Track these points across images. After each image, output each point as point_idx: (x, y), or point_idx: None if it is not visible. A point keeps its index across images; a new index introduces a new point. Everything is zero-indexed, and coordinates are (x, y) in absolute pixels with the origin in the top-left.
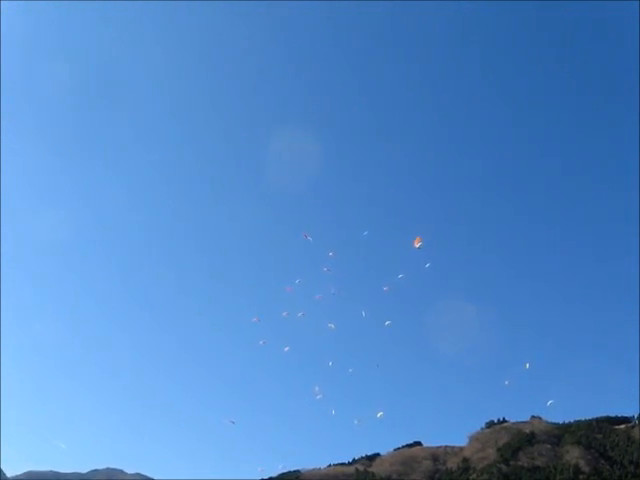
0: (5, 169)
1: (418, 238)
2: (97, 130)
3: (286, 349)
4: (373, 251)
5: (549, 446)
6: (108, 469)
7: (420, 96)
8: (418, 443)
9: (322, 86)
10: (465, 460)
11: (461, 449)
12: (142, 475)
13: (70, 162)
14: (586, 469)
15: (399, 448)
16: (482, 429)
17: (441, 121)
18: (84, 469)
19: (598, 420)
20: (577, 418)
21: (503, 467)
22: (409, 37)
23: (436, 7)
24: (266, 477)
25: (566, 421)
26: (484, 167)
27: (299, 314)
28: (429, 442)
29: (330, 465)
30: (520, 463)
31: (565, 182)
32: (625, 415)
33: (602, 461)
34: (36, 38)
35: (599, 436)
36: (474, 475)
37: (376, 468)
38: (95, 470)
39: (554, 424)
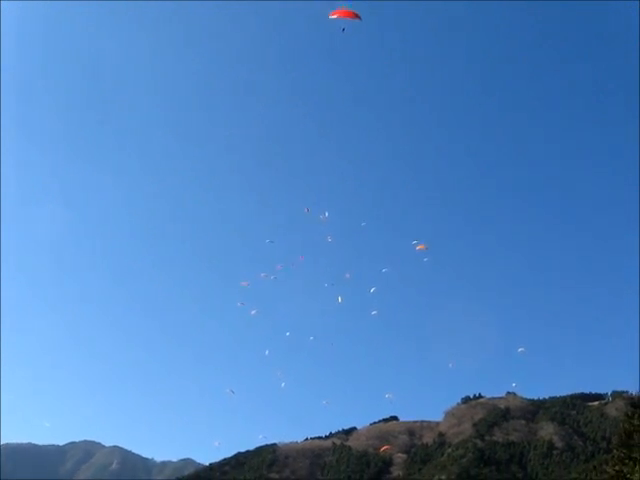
0: (5, 169)
1: (423, 245)
2: (96, 130)
3: (253, 312)
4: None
5: (524, 422)
6: (85, 442)
7: (422, 96)
8: (394, 418)
9: (319, 86)
10: (441, 435)
11: (437, 424)
12: (119, 447)
13: (68, 162)
14: (560, 445)
15: (375, 422)
16: (458, 404)
17: (443, 121)
18: (62, 442)
19: (572, 397)
20: (551, 394)
21: (478, 442)
22: (411, 37)
23: (437, 8)
24: (243, 450)
25: (541, 397)
26: (485, 169)
27: (271, 277)
28: (405, 417)
29: (307, 439)
30: (495, 438)
31: (562, 181)
32: (599, 392)
33: (575, 437)
34: (35, 39)
35: (573, 412)
36: (450, 450)
37: (352, 442)
38: (72, 443)
39: (529, 400)
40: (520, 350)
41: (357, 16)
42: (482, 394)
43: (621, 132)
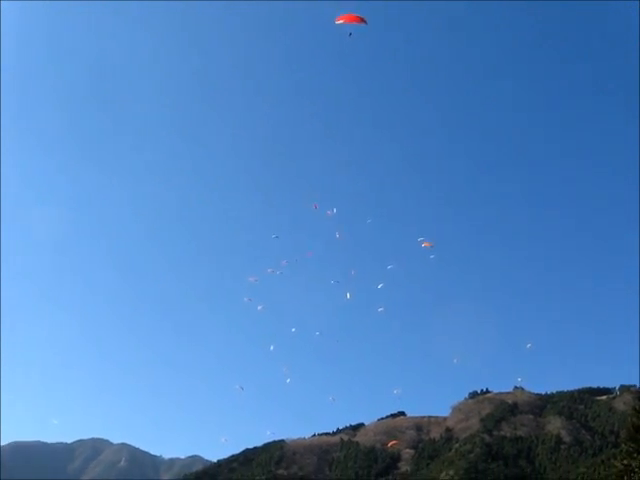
0: (5, 169)
1: (428, 243)
2: (95, 130)
3: (259, 308)
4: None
5: (531, 416)
6: (94, 439)
7: (426, 96)
8: (402, 413)
9: (324, 86)
10: (448, 430)
11: (444, 419)
12: (127, 445)
13: (68, 161)
14: (567, 439)
15: (383, 418)
16: (465, 399)
17: (447, 120)
18: (70, 439)
19: (580, 391)
20: (559, 389)
21: (486, 437)
22: (414, 37)
23: (438, 8)
24: (251, 446)
25: (548, 392)
26: (488, 169)
27: (277, 272)
28: (413, 412)
29: (315, 435)
30: (503, 433)
31: (564, 180)
32: (607, 386)
33: (583, 431)
34: (35, 39)
35: (581, 407)
36: (457, 445)
37: (360, 438)
38: (81, 440)
39: (536, 395)
40: (528, 346)
41: (363, 20)
42: (489, 389)
43: (621, 132)
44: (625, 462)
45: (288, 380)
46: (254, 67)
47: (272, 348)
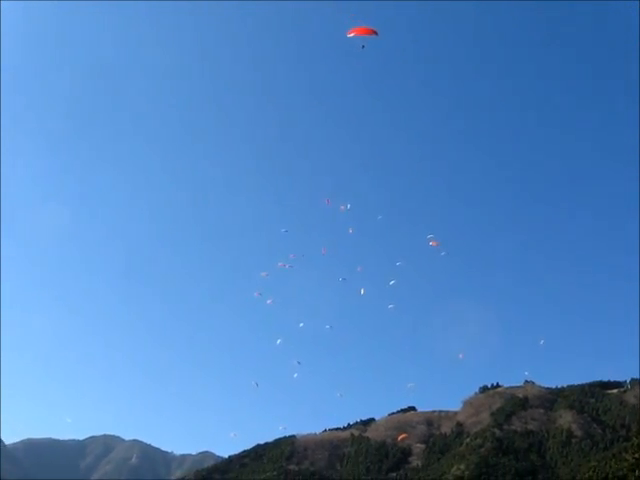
0: (6, 167)
1: (435, 242)
2: (98, 127)
3: (268, 301)
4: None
5: (542, 410)
6: (105, 436)
7: (433, 96)
8: (412, 408)
9: (334, 85)
10: (459, 424)
11: (455, 414)
12: (139, 441)
13: (71, 159)
14: (578, 433)
15: (394, 413)
16: (476, 394)
17: (453, 120)
18: (82, 436)
19: (591, 385)
20: (570, 383)
21: (497, 431)
22: (417, 37)
23: (441, 8)
24: (262, 442)
25: (559, 386)
26: (493, 168)
27: (287, 266)
28: (423, 407)
29: (325, 430)
30: (513, 427)
31: (569, 178)
32: (617, 380)
33: (594, 425)
34: (37, 38)
35: (592, 400)
36: (468, 439)
37: (371, 433)
38: (93, 437)
39: (547, 389)
40: (542, 342)
41: (374, 32)
42: (500, 383)
43: (621, 131)
44: (636, 456)
45: (295, 375)
46: (265, 65)
47: (279, 342)
